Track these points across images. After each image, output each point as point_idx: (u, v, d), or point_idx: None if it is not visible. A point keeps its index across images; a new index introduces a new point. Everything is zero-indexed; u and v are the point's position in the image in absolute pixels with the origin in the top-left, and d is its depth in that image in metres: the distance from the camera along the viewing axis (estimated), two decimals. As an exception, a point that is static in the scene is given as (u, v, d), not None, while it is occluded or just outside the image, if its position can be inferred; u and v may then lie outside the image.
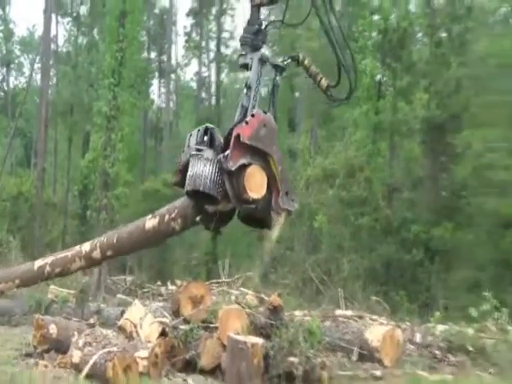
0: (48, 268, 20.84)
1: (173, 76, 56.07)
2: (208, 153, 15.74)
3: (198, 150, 15.87)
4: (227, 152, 15.24)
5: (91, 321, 16.88)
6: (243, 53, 16.74)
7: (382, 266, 38.96)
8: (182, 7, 53.11)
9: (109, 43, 45.90)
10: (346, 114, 48.04)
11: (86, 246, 20.31)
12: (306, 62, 16.87)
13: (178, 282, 22.38)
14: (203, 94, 56.36)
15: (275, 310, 16.12)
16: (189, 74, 57.15)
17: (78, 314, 18.73)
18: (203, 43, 55.23)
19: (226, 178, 15.31)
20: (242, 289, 20.81)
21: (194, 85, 56.70)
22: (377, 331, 18.00)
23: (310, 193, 44.07)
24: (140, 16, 51.61)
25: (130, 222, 19.56)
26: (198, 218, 16.65)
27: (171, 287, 22.92)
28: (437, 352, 19.28)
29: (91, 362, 14.23)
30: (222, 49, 55.15)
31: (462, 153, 41.38)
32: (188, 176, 15.76)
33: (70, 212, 48.94)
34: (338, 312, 21.07)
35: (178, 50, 52.93)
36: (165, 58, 55.09)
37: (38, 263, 21.35)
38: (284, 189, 15.75)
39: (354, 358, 17.19)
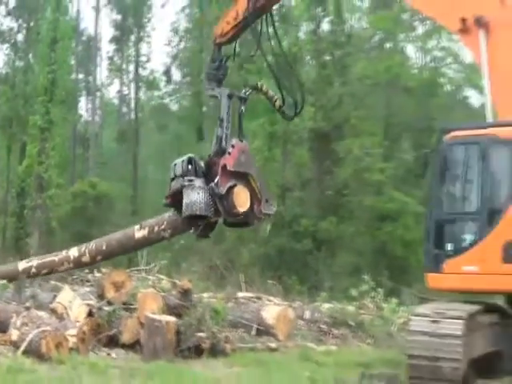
0: (34, 270, 20.46)
1: (98, 94, 55.76)
2: (198, 182, 16.00)
3: (190, 180, 16.08)
4: (216, 180, 15.72)
5: (27, 304, 16.84)
6: (210, 86, 17.15)
7: (277, 254, 38.91)
8: (106, 35, 53.28)
9: (42, 66, 45.89)
10: (245, 125, 48.19)
11: (73, 252, 19.92)
12: (263, 88, 17.16)
13: (103, 270, 22.40)
14: (124, 109, 56.08)
15: (185, 293, 16.41)
16: (112, 92, 57.01)
17: (16, 299, 18.67)
18: (124, 66, 54.97)
19: (217, 200, 15.71)
20: (157, 275, 20.89)
21: (116, 101, 56.35)
22: (272, 310, 18.31)
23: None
24: (69, 43, 51.68)
25: (62, 219, 19.55)
26: (192, 231, 16.97)
27: (97, 274, 22.91)
28: (323, 326, 19.59)
29: (27, 340, 14.47)
30: (140, 70, 54.91)
31: (344, 158, 41.65)
32: (185, 204, 15.92)
33: (10, 211, 48.47)
34: (240, 294, 21.36)
35: (102, 72, 53.12)
36: (91, 78, 54.73)
37: (23, 265, 20.65)
38: (264, 197, 16.13)
39: (253, 333, 17.47)
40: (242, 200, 15.87)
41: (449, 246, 14.48)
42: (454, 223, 14.67)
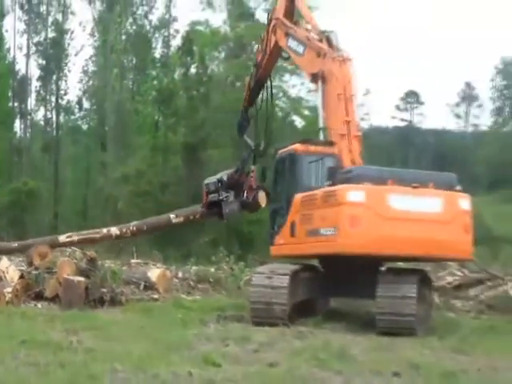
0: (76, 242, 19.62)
1: (29, 117, 54.67)
2: (231, 197, 17.24)
3: (226, 196, 17.25)
4: (245, 194, 17.10)
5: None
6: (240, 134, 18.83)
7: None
8: (35, 74, 52.79)
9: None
10: (134, 140, 48.35)
11: (114, 230, 19.58)
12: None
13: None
14: (48, 129, 54.96)
15: (92, 261, 16.20)
16: (39, 115, 55.84)
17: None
18: (48, 97, 53.93)
19: (246, 205, 17.22)
20: (73, 247, 20.48)
21: (42, 123, 55.31)
22: (155, 271, 18.29)
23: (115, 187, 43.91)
24: (7, 79, 51.37)
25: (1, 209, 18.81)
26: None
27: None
28: (191, 283, 19.64)
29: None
30: (60, 100, 54.03)
31: (207, 163, 42.10)
32: (225, 213, 17.40)
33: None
34: (132, 261, 21.18)
35: (32, 101, 52.48)
36: (23, 106, 53.69)
37: (63, 239, 19.26)
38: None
39: (141, 288, 17.36)
40: (262, 199, 16.97)
41: (276, 227, 14.98)
42: (277, 212, 15.29)
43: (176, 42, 52.19)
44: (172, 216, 19.62)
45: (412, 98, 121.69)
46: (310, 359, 9.48)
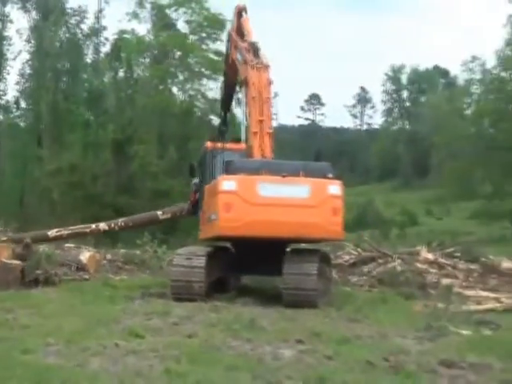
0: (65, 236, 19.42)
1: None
2: None
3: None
4: None
5: None
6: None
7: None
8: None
9: None
10: (67, 137, 47.24)
11: (103, 225, 19.45)
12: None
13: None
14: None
15: (27, 246, 15.72)
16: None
17: None
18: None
19: None
20: (9, 235, 19.77)
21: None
22: (86, 254, 17.89)
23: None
24: None
25: None
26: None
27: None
28: (119, 264, 19.37)
29: None
30: (-1, 100, 52.69)
31: (133, 156, 41.74)
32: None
33: None
34: (66, 245, 20.63)
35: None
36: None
37: (53, 233, 19.03)
38: None
39: (73, 269, 16.97)
40: None
41: (199, 214, 15.13)
42: (201, 200, 15.24)
43: (105, 48, 52.31)
44: (159, 213, 19.65)
45: (314, 100, 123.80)
46: (224, 330, 9.48)
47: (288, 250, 13.78)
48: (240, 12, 16.74)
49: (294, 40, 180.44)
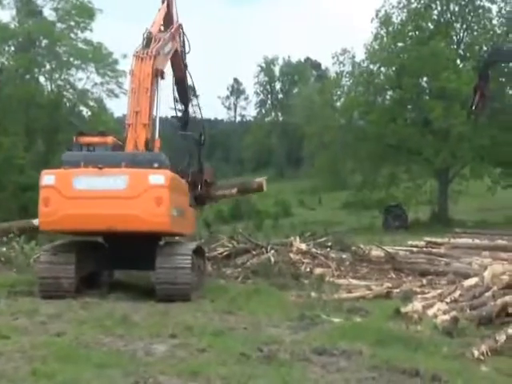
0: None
1: None
2: None
3: None
4: (199, 189, 17.14)
5: None
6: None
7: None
8: None
9: None
10: None
11: None
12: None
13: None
14: None
15: None
16: None
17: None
18: None
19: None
20: None
21: None
22: None
23: None
24: None
25: None
26: None
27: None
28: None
29: None
30: None
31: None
32: None
33: None
34: None
35: None
36: None
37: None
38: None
39: None
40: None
41: None
42: None
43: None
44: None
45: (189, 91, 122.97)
46: (95, 327, 9.34)
47: (161, 243, 13.72)
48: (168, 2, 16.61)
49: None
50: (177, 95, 18.59)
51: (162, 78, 15.16)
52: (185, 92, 18.58)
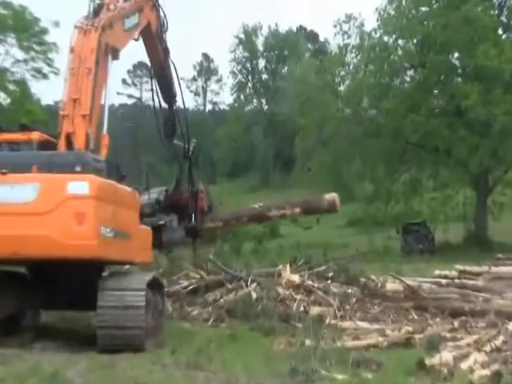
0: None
1: None
2: (174, 221, 17.43)
3: (170, 221, 17.25)
4: (193, 222, 18.04)
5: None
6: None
7: None
8: None
9: None
10: None
11: None
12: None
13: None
14: None
15: None
16: None
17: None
18: None
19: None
20: None
21: None
22: None
23: None
24: None
25: None
26: None
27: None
28: None
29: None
30: None
31: None
32: (165, 241, 17.22)
33: None
34: None
35: None
36: None
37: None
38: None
39: None
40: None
41: None
42: None
43: None
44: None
45: (141, 71, 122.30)
46: (14, 388, 9.26)
47: (105, 273, 13.67)
48: None
49: None
50: (158, 89, 18.67)
51: (116, 57, 15.14)
52: (168, 86, 18.61)
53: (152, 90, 18.60)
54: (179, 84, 19.34)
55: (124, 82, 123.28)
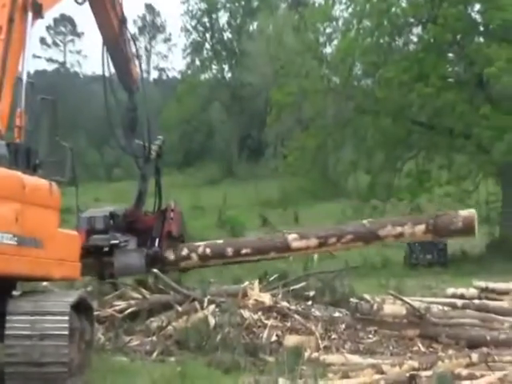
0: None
1: None
2: (132, 243, 17.64)
3: (125, 241, 17.45)
4: (157, 246, 18.18)
5: None
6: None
7: None
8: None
9: None
10: None
11: None
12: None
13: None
14: None
15: None
16: None
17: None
18: None
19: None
20: None
21: None
22: None
23: None
24: None
25: None
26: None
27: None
28: None
29: None
30: None
31: None
32: (117, 266, 17.58)
33: None
34: None
35: None
36: None
37: None
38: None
39: None
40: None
41: None
42: None
43: None
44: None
45: (65, 28, 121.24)
46: None
47: (16, 293, 13.62)
48: None
49: None
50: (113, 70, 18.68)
51: (39, 15, 15.03)
52: (126, 68, 18.62)
53: (104, 74, 18.47)
54: (140, 64, 19.28)
55: (42, 41, 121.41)
